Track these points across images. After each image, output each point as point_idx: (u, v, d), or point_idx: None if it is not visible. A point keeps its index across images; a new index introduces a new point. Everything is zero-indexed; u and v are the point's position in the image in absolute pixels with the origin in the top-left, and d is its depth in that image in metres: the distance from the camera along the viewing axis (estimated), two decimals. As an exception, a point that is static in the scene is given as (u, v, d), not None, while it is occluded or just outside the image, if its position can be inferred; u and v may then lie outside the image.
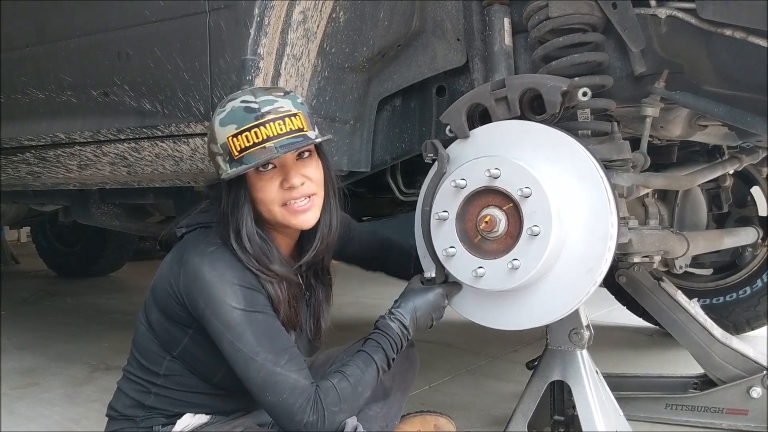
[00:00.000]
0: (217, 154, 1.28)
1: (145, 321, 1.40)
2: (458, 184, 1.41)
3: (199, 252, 1.28)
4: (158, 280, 1.36)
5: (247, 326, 1.22)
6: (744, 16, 1.37)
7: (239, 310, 1.23)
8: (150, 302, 1.38)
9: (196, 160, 1.82)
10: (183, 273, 1.27)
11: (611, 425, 1.57)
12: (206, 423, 1.39)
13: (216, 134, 1.27)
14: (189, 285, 1.26)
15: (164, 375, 1.37)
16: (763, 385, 1.91)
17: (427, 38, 1.79)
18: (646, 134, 1.59)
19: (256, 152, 1.23)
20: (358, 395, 1.26)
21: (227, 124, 1.25)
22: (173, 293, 1.30)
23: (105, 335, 3.30)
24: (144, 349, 1.39)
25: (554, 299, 1.38)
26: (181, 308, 1.30)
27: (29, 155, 2.22)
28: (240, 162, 1.24)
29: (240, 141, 1.23)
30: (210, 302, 1.23)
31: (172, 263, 1.33)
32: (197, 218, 1.38)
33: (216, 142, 1.27)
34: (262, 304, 1.27)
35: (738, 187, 2.75)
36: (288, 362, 1.23)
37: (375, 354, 1.31)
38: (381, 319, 1.39)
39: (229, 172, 1.25)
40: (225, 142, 1.25)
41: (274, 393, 1.21)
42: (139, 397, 1.39)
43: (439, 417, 1.79)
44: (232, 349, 1.22)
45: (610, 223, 1.33)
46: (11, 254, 6.27)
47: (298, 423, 1.20)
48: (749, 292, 2.77)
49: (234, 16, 1.59)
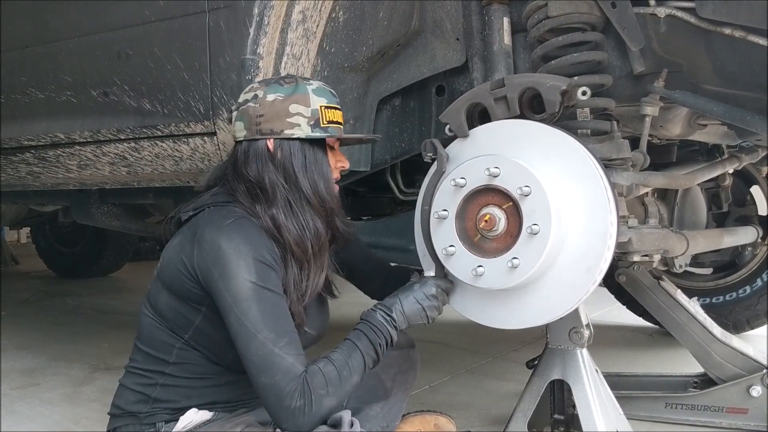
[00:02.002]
0: (299, 114, 1.38)
1: (150, 311, 1.41)
2: (458, 183, 1.41)
3: (215, 225, 1.31)
4: (166, 263, 1.38)
5: (255, 302, 1.25)
6: (743, 15, 1.37)
7: (251, 282, 1.26)
8: (156, 289, 1.40)
9: (195, 159, 1.82)
10: (197, 247, 1.30)
11: (611, 424, 1.57)
12: (209, 420, 1.39)
13: (309, 98, 1.38)
14: (205, 257, 1.29)
15: (174, 363, 1.38)
16: (762, 384, 1.91)
17: (426, 38, 1.79)
18: (646, 133, 1.59)
19: (336, 128, 1.42)
20: (344, 379, 1.28)
21: (320, 95, 1.40)
22: (186, 271, 1.32)
23: (105, 335, 3.30)
24: (152, 340, 1.40)
25: (554, 298, 1.38)
26: (194, 284, 1.32)
27: (29, 155, 2.22)
28: (325, 130, 1.40)
29: (329, 113, 1.41)
30: (224, 273, 1.26)
31: (182, 243, 1.35)
32: (206, 200, 1.41)
33: (305, 105, 1.38)
34: (273, 283, 1.29)
35: (737, 186, 2.76)
36: (287, 345, 1.25)
37: (358, 341, 1.34)
38: (366, 311, 1.41)
39: (312, 133, 1.39)
40: (317, 108, 1.39)
41: (268, 374, 1.23)
42: (144, 390, 1.40)
43: (440, 416, 1.79)
44: (237, 324, 1.25)
45: (610, 221, 1.34)
46: (11, 255, 6.27)
47: (286, 408, 1.22)
48: (749, 291, 2.77)
49: (233, 15, 1.60)
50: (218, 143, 1.73)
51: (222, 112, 1.67)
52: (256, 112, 1.38)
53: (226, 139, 1.69)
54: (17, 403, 2.32)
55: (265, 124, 1.38)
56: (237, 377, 1.40)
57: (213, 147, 1.75)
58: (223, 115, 1.67)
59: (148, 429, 1.39)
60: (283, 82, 1.39)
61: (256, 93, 1.39)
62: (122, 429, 1.42)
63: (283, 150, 1.38)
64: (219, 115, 1.67)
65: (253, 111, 1.38)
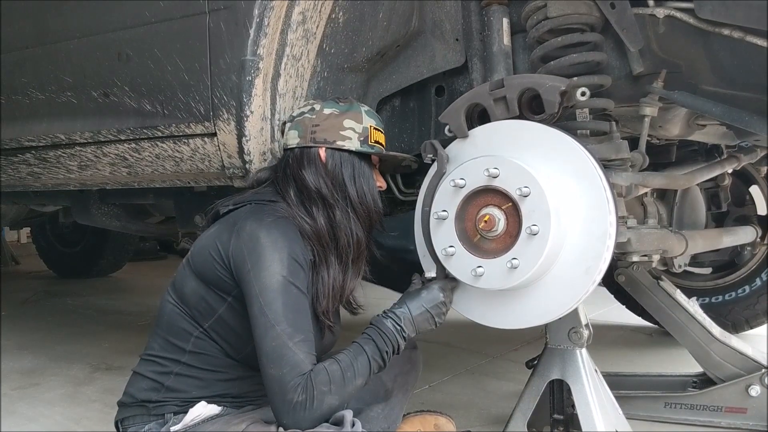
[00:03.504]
0: (352, 129, 1.48)
1: (173, 298, 1.45)
2: (457, 184, 1.42)
3: (257, 219, 1.37)
4: (198, 250, 1.43)
5: (282, 294, 1.29)
6: (742, 16, 1.37)
7: (282, 276, 1.30)
8: (184, 275, 1.44)
9: (196, 160, 1.82)
10: (235, 237, 1.35)
11: (610, 424, 1.57)
12: (216, 415, 1.41)
13: (362, 117, 1.50)
14: (241, 246, 1.33)
15: (190, 352, 1.42)
16: (761, 384, 1.91)
17: (426, 38, 1.80)
18: (645, 133, 1.59)
19: (380, 149, 1.54)
20: (347, 380, 1.30)
21: (371, 117, 1.53)
22: (220, 257, 1.37)
23: (105, 335, 3.29)
24: (171, 327, 1.44)
25: (553, 298, 1.39)
26: (225, 271, 1.36)
27: (29, 156, 2.22)
28: (372, 147, 1.51)
29: (377, 134, 1.53)
30: (258, 263, 1.31)
31: (220, 232, 1.40)
32: (249, 197, 1.48)
33: (358, 122, 1.49)
34: (301, 281, 1.34)
35: (737, 186, 2.76)
36: (301, 342, 1.28)
37: (365, 345, 1.36)
38: (376, 316, 1.43)
39: (361, 148, 1.49)
40: (368, 127, 1.50)
41: (277, 366, 1.26)
42: (158, 378, 1.42)
43: (440, 416, 1.79)
44: (259, 313, 1.29)
45: (609, 222, 1.34)
46: (11, 255, 6.27)
47: (288, 402, 1.24)
48: (748, 291, 2.78)
49: (233, 16, 1.60)
50: (218, 144, 1.73)
51: (222, 113, 1.67)
52: (312, 122, 1.48)
53: (227, 139, 1.69)
54: (18, 404, 2.32)
55: (320, 134, 1.47)
56: (249, 373, 1.43)
57: (213, 148, 1.75)
58: (224, 116, 1.67)
59: (156, 420, 1.40)
60: (339, 101, 1.52)
61: (313, 106, 1.51)
62: (130, 420, 1.44)
63: (334, 159, 1.47)
64: (219, 116, 1.68)
65: (309, 121, 1.49)
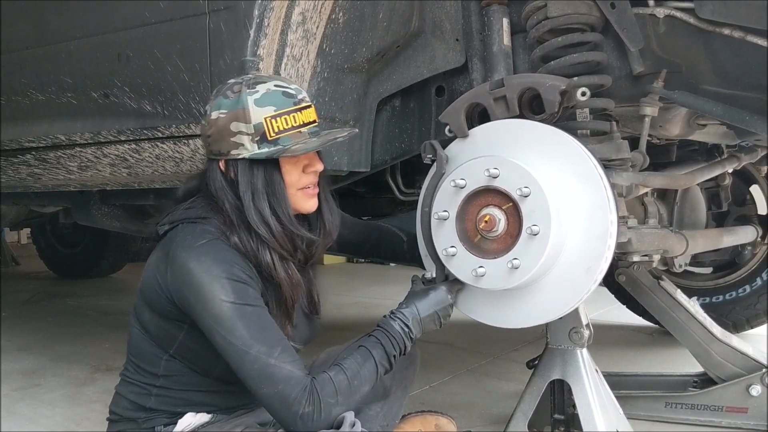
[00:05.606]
0: (242, 133, 1.27)
1: (137, 324, 1.39)
2: (458, 184, 1.42)
3: (186, 246, 1.26)
4: (145, 281, 1.35)
5: (238, 319, 1.22)
6: (742, 16, 1.37)
7: (229, 303, 1.22)
8: (140, 304, 1.38)
9: (196, 161, 1.83)
10: (170, 269, 1.26)
11: (611, 424, 1.57)
12: (208, 422, 1.39)
13: (249, 113, 1.26)
14: (177, 281, 1.26)
15: (163, 375, 1.37)
16: (762, 383, 1.91)
17: (426, 39, 1.80)
18: (645, 133, 1.59)
19: (293, 135, 1.28)
20: (354, 389, 1.26)
21: (265, 105, 1.27)
22: (162, 291, 1.29)
23: (106, 336, 3.30)
24: (140, 352, 1.39)
25: (554, 298, 1.39)
26: (172, 306, 1.29)
27: (30, 157, 2.22)
28: (275, 143, 1.27)
29: (279, 123, 1.27)
30: (199, 297, 1.23)
31: (158, 262, 1.32)
32: (181, 214, 1.35)
33: (246, 121, 1.27)
34: (252, 297, 1.26)
35: (737, 186, 2.76)
36: (281, 353, 1.22)
37: (373, 350, 1.31)
38: (383, 318, 1.39)
39: (260, 151, 1.27)
40: (261, 122, 1.26)
41: (269, 385, 1.20)
42: (139, 399, 1.39)
43: (440, 417, 1.79)
44: (224, 343, 1.22)
45: (610, 222, 1.34)
46: (12, 256, 6.27)
47: (294, 414, 1.20)
48: (749, 291, 2.78)
49: (233, 17, 1.60)
50: (219, 144, 1.73)
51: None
52: (205, 131, 1.32)
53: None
54: (18, 404, 2.32)
55: (213, 146, 1.31)
56: (228, 387, 1.39)
57: (213, 148, 1.75)
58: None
59: None
60: (230, 93, 1.29)
61: (207, 107, 1.32)
62: None
63: (234, 171, 1.30)
64: (219, 116, 1.67)
65: (203, 130, 1.33)
